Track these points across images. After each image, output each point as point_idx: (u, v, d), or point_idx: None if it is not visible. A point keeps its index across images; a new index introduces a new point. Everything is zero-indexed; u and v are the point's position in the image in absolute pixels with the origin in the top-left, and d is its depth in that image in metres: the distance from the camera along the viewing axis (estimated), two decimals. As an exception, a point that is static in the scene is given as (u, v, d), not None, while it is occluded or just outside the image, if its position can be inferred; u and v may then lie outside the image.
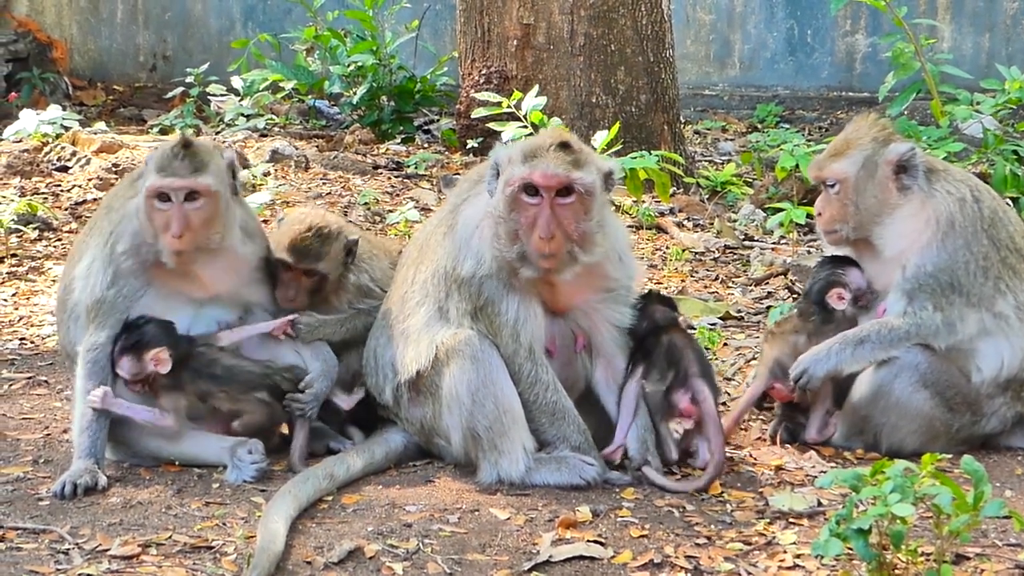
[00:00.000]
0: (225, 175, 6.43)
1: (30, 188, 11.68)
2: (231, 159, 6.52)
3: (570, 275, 6.20)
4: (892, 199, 6.71)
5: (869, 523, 4.97)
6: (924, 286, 6.57)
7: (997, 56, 16.44)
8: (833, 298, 6.80)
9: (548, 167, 6.07)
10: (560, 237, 6.08)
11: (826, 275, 6.87)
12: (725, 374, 7.88)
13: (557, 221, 6.08)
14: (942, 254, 6.60)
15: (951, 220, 6.62)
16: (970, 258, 6.60)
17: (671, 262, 10.08)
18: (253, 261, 6.61)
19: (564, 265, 6.15)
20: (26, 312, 9.09)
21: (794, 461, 6.60)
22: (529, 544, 5.62)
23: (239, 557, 5.43)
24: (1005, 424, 6.76)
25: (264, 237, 6.75)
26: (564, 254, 6.11)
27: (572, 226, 6.11)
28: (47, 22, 18.57)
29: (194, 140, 6.48)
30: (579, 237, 6.13)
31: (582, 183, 6.09)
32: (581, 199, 6.12)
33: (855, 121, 6.96)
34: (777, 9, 17.23)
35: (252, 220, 6.74)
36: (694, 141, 15.21)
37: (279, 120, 14.83)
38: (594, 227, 6.16)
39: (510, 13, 12.19)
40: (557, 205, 6.10)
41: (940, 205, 6.66)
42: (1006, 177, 10.45)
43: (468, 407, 6.20)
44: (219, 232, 6.36)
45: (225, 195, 6.40)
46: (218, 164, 6.39)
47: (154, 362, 6.31)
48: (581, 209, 6.13)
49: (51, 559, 5.43)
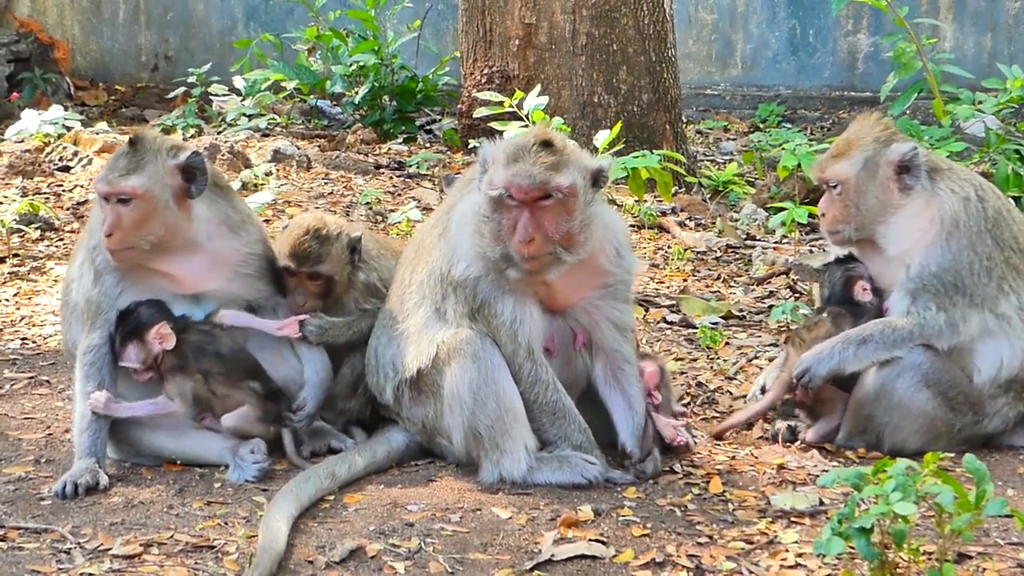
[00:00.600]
0: (167, 176, 6.35)
1: (32, 188, 11.69)
2: (185, 161, 6.37)
3: (555, 275, 6.19)
4: (894, 199, 6.70)
5: (871, 522, 4.96)
6: (928, 286, 6.57)
7: (999, 55, 16.44)
8: (859, 291, 6.80)
9: (525, 174, 6.05)
10: (540, 239, 6.06)
11: (843, 273, 6.87)
12: (727, 373, 7.88)
13: (537, 224, 6.07)
14: (946, 254, 6.59)
15: (955, 219, 6.61)
16: (974, 258, 6.59)
17: (673, 261, 10.07)
18: (239, 257, 6.55)
19: (547, 266, 6.14)
20: (28, 312, 9.09)
21: (796, 460, 6.59)
22: (531, 543, 5.62)
23: (241, 556, 5.43)
24: (1007, 424, 6.76)
25: (259, 231, 6.71)
26: (546, 256, 6.09)
27: (553, 228, 6.09)
28: (49, 22, 18.57)
29: (142, 139, 6.43)
30: (561, 238, 6.10)
31: (560, 187, 6.07)
32: (562, 201, 6.09)
33: (857, 121, 6.96)
34: (779, 9, 17.22)
35: (237, 215, 6.62)
36: (696, 141, 15.21)
37: (281, 120, 14.84)
38: (577, 227, 6.13)
39: (512, 13, 12.18)
40: (537, 208, 6.08)
41: (944, 204, 6.65)
42: (1008, 176, 10.44)
43: (470, 406, 6.20)
44: (154, 233, 6.29)
45: (162, 196, 6.33)
46: (159, 165, 6.34)
47: (158, 339, 6.30)
48: (562, 211, 6.10)
49: (53, 558, 5.43)
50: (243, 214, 6.68)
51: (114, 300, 6.40)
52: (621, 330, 6.46)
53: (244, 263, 6.56)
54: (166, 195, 6.33)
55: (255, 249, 6.60)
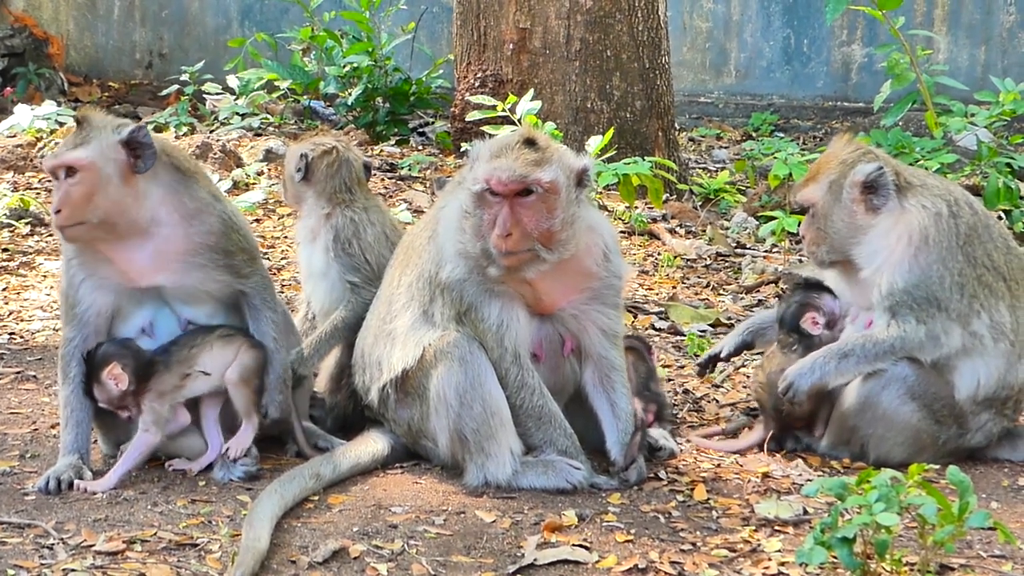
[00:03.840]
0: (110, 150, 6.28)
1: (23, 183, 11.69)
2: (128, 135, 6.30)
3: (534, 273, 6.17)
4: (861, 220, 6.68)
5: (854, 532, 4.98)
6: (901, 303, 6.55)
7: (993, 68, 16.49)
8: (808, 322, 6.82)
9: (506, 168, 6.06)
10: (519, 235, 6.06)
11: (798, 300, 6.90)
12: (714, 381, 7.89)
13: (516, 219, 6.07)
14: (915, 269, 6.57)
15: (924, 235, 6.59)
16: (945, 273, 6.57)
17: (663, 268, 10.08)
18: (188, 245, 6.37)
19: (526, 263, 6.13)
20: (16, 307, 9.08)
21: (781, 469, 6.60)
22: (514, 547, 5.62)
23: (224, 555, 5.42)
24: (991, 438, 6.77)
25: (220, 221, 6.44)
26: (524, 252, 6.09)
27: (533, 224, 6.09)
28: (44, 18, 18.57)
29: (89, 117, 6.39)
30: (541, 236, 6.10)
31: (540, 182, 6.08)
32: (543, 198, 6.09)
33: (832, 143, 6.96)
34: (774, 18, 17.26)
35: (194, 202, 6.41)
36: (688, 148, 15.23)
37: (274, 119, 14.84)
38: (558, 225, 6.12)
39: (507, 17, 12.19)
40: (518, 204, 6.09)
41: (913, 220, 6.62)
42: (999, 189, 10.47)
43: (456, 409, 6.20)
44: (100, 207, 6.21)
45: (106, 169, 6.25)
46: (103, 140, 6.30)
47: (112, 379, 6.25)
48: (543, 208, 6.10)
49: (35, 554, 5.42)
50: (202, 202, 6.44)
51: (77, 291, 6.33)
52: (609, 336, 6.44)
53: (195, 252, 6.36)
54: (110, 168, 6.24)
55: (208, 240, 6.39)
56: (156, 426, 6.27)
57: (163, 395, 6.28)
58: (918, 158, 10.56)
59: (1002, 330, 6.64)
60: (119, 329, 6.40)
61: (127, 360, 6.26)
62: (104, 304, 6.36)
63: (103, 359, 6.27)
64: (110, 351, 6.28)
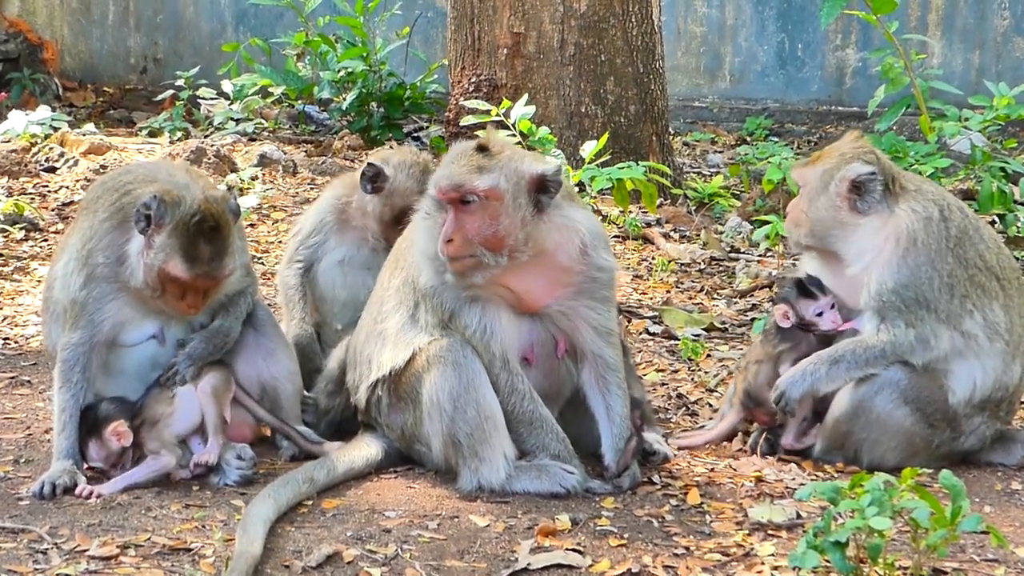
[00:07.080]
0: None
1: (17, 188, 11.70)
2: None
3: (481, 279, 6.14)
4: (844, 216, 6.70)
5: (847, 536, 4.98)
6: (889, 303, 6.56)
7: (987, 73, 16.51)
8: (778, 315, 6.84)
9: (446, 176, 6.09)
10: (459, 241, 6.06)
11: (778, 294, 6.96)
12: (708, 385, 7.90)
13: (459, 226, 6.08)
14: (903, 270, 6.58)
15: (913, 237, 6.60)
16: (934, 274, 6.58)
17: (657, 272, 10.09)
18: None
19: (471, 269, 6.11)
20: (10, 312, 9.08)
21: (774, 473, 6.61)
22: (508, 551, 5.62)
23: (217, 560, 5.42)
24: (984, 442, 6.77)
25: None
26: (468, 258, 6.09)
27: (474, 231, 6.08)
28: (38, 23, 18.57)
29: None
30: (484, 242, 6.08)
31: (475, 190, 6.06)
32: (483, 206, 6.08)
33: (843, 137, 7.00)
34: (768, 22, 17.28)
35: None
36: (683, 152, 15.24)
37: (268, 124, 14.86)
38: (503, 231, 6.08)
39: (501, 22, 12.20)
40: (462, 211, 6.10)
41: (902, 223, 6.63)
42: (993, 194, 10.47)
43: (449, 414, 6.19)
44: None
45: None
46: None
47: (116, 437, 6.23)
48: (485, 215, 6.08)
49: (29, 559, 5.42)
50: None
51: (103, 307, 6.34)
52: (601, 333, 6.38)
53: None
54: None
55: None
56: (167, 450, 6.27)
57: (156, 423, 6.28)
58: (912, 162, 10.56)
59: (996, 329, 6.65)
60: (130, 336, 6.40)
61: (127, 417, 6.27)
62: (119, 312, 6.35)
63: (106, 417, 6.25)
64: (111, 410, 6.27)
